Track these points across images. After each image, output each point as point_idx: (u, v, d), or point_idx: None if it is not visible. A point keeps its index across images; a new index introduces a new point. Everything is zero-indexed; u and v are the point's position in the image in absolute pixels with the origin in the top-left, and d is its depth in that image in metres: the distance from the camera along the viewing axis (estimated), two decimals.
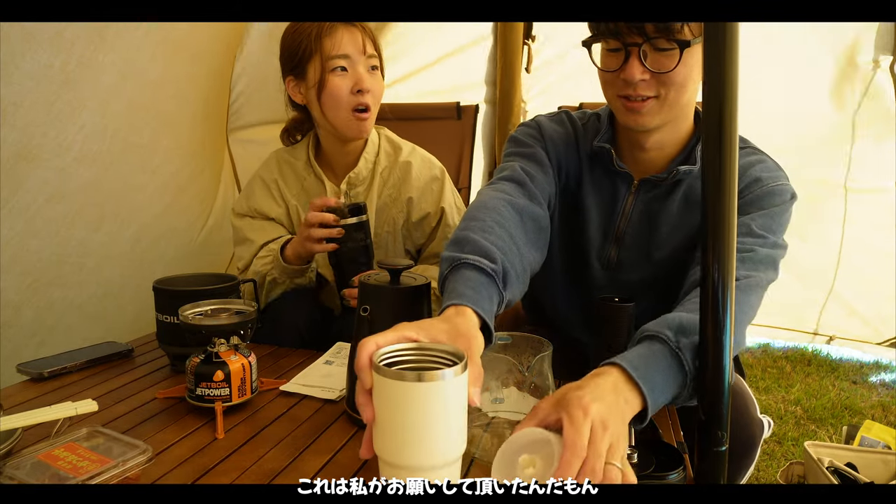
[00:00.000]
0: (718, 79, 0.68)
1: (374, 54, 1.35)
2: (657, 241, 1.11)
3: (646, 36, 0.95)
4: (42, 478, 0.72)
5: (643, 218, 1.11)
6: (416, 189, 1.42)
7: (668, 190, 1.10)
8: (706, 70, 0.69)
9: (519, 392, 0.85)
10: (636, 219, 1.12)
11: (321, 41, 1.30)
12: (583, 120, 1.17)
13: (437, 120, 2.07)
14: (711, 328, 0.73)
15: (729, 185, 0.70)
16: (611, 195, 1.12)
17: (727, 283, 0.71)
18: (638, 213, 1.11)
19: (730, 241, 0.71)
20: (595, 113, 1.17)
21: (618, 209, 1.12)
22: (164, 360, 1.19)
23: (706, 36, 0.69)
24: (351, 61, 1.31)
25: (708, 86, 0.69)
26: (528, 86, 2.46)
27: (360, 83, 1.31)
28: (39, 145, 1.55)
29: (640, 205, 1.11)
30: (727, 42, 0.67)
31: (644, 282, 1.13)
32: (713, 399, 0.74)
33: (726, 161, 0.69)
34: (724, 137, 0.69)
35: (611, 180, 1.12)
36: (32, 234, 1.63)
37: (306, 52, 1.32)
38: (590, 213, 1.13)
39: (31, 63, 1.45)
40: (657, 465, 0.81)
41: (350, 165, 1.43)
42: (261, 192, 1.46)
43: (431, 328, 0.72)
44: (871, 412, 2.28)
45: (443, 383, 0.64)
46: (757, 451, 1.07)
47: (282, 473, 0.79)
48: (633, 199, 1.11)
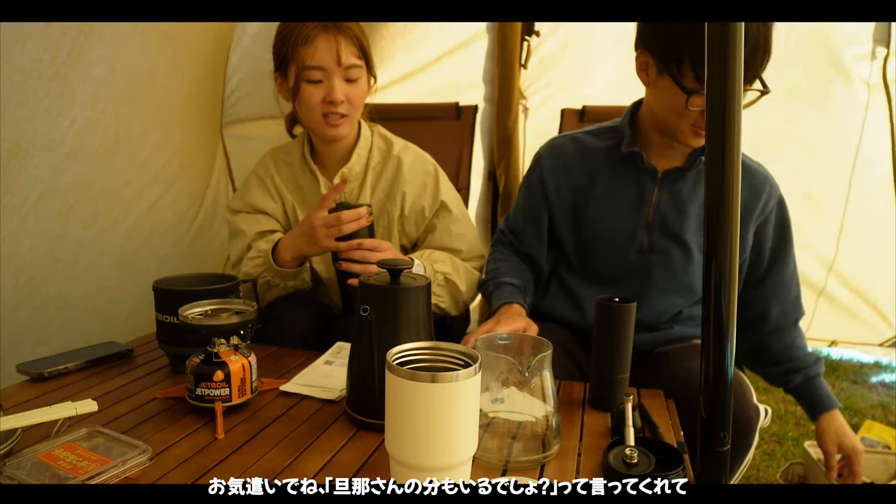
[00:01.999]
0: (720, 79, 0.68)
1: (355, 63, 1.32)
2: (686, 226, 1.24)
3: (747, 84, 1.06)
4: (42, 478, 0.72)
5: (670, 205, 1.25)
6: (409, 184, 1.43)
7: (694, 179, 1.24)
8: (708, 71, 0.69)
9: (519, 392, 0.85)
10: (664, 206, 1.25)
11: (297, 49, 1.29)
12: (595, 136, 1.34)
13: (436, 120, 2.07)
14: (713, 327, 0.73)
15: (730, 185, 0.70)
16: (638, 188, 1.26)
17: (729, 285, 0.71)
18: (665, 201, 1.25)
19: (731, 243, 0.71)
20: (610, 127, 1.34)
21: (646, 199, 1.26)
22: (163, 360, 1.19)
23: (707, 36, 0.69)
24: (326, 73, 1.30)
25: (709, 87, 0.69)
26: (529, 82, 2.46)
27: (330, 95, 1.30)
28: (31, 141, 1.55)
29: (667, 194, 1.25)
30: (728, 42, 0.67)
31: (676, 263, 1.26)
32: (715, 399, 0.74)
33: (728, 158, 0.69)
34: (727, 140, 0.69)
35: (636, 177, 1.26)
36: (26, 232, 1.63)
37: (286, 57, 1.32)
38: (621, 205, 1.27)
39: (21, 57, 1.44)
40: (657, 465, 0.81)
41: (342, 161, 1.44)
42: (257, 189, 1.46)
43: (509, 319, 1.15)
44: (871, 412, 2.28)
45: (457, 384, 0.64)
46: (753, 438, 1.10)
47: (282, 473, 0.79)
48: (659, 190, 1.25)
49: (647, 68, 1.17)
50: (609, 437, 0.91)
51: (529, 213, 1.38)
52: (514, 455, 0.83)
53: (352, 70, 1.32)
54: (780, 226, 1.28)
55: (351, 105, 1.34)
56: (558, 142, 1.38)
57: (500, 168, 2.46)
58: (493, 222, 2.54)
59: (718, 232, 0.71)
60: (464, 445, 0.67)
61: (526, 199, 1.39)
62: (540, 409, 0.85)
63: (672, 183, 1.24)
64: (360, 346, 0.91)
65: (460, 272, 1.40)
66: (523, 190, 1.41)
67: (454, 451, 0.67)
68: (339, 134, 1.36)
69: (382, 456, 0.83)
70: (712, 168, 0.71)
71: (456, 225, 1.44)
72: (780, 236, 1.28)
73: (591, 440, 0.91)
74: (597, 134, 1.34)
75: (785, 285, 1.29)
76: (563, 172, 1.33)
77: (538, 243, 1.37)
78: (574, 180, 1.31)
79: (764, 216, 1.25)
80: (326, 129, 1.35)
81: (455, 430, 0.66)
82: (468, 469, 0.69)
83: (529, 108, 2.50)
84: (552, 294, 1.37)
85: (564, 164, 1.33)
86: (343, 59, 1.30)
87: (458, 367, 0.69)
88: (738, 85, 0.68)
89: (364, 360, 0.90)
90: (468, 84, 2.44)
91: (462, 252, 1.45)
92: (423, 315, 0.93)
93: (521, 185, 1.43)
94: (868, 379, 2.59)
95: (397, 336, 0.89)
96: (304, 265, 1.36)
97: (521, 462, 0.82)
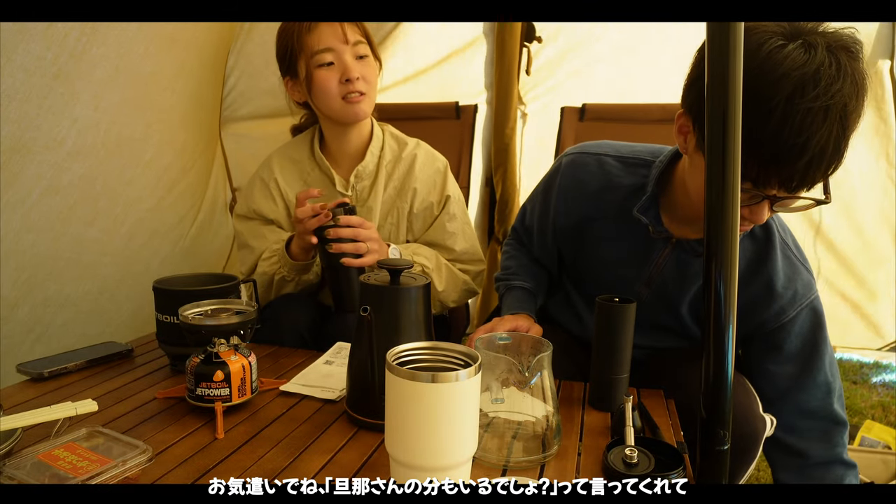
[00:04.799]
0: (721, 80, 0.68)
1: (361, 40, 1.34)
2: (684, 298, 1.15)
3: (789, 191, 0.90)
4: (42, 478, 0.72)
5: (675, 275, 1.14)
6: (420, 180, 1.43)
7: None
8: (708, 73, 0.69)
9: (519, 392, 0.85)
10: (668, 271, 1.15)
11: (303, 39, 1.31)
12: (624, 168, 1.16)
13: (435, 120, 2.07)
14: (713, 326, 0.73)
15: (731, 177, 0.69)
16: (648, 244, 1.14)
17: (729, 284, 0.71)
18: (671, 267, 1.14)
19: (731, 242, 0.71)
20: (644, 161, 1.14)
21: (653, 258, 1.15)
22: (163, 360, 1.18)
23: (708, 36, 0.69)
24: (336, 53, 1.31)
25: (709, 87, 0.69)
26: (528, 88, 2.46)
27: (347, 72, 1.31)
28: (33, 139, 1.55)
29: (674, 260, 1.14)
30: (730, 43, 0.67)
31: (668, 322, 1.19)
32: (715, 398, 0.74)
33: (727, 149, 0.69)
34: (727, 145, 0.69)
35: (648, 232, 1.12)
36: (27, 229, 1.63)
37: (294, 52, 1.33)
38: (624, 255, 1.17)
39: (24, 55, 1.44)
40: (657, 465, 0.81)
41: (354, 158, 1.43)
42: (259, 194, 1.46)
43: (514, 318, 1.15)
44: (871, 412, 2.27)
45: (457, 384, 0.64)
46: (758, 449, 1.07)
47: (282, 473, 0.79)
48: (668, 254, 1.13)
49: (687, 134, 0.99)
50: (609, 437, 0.91)
51: (540, 223, 1.30)
52: (514, 455, 0.83)
53: (359, 46, 1.33)
54: (806, 342, 1.11)
55: (367, 82, 1.34)
56: (582, 159, 1.21)
57: (497, 175, 2.46)
58: (490, 229, 2.54)
59: (719, 232, 0.71)
60: (464, 445, 0.67)
61: (540, 203, 1.29)
62: (540, 409, 0.85)
63: (683, 252, 1.12)
64: (360, 346, 0.91)
65: (442, 271, 1.40)
66: (540, 194, 1.30)
67: (454, 451, 0.67)
68: (362, 111, 1.35)
69: (382, 456, 0.83)
70: (712, 158, 0.70)
71: (452, 223, 1.44)
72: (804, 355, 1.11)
73: (591, 440, 0.91)
74: (628, 164, 1.17)
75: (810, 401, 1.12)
76: (575, 200, 1.21)
77: (547, 253, 1.32)
78: (584, 212, 1.20)
79: (778, 324, 1.10)
80: (348, 110, 1.33)
81: (455, 430, 0.66)
82: (468, 469, 0.69)
83: (528, 114, 2.50)
84: (557, 301, 1.35)
85: (579, 190, 1.20)
86: (350, 37, 1.31)
87: (458, 367, 0.69)
88: (739, 86, 0.68)
89: (364, 360, 0.90)
90: (469, 89, 2.44)
91: (455, 252, 1.44)
92: (423, 315, 0.93)
93: (541, 183, 1.31)
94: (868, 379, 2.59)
95: (397, 336, 0.89)
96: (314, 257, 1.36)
97: (521, 462, 0.82)
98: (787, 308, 1.09)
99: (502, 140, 2.42)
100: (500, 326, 1.12)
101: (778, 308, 1.09)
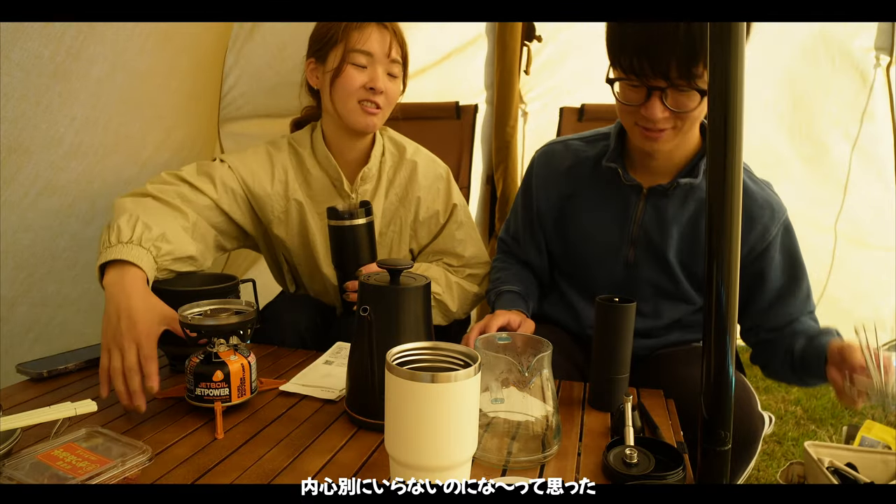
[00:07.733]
0: (722, 81, 0.68)
1: (398, 61, 1.33)
2: (669, 245, 1.20)
3: (668, 81, 1.00)
4: (41, 478, 0.72)
5: (654, 222, 1.20)
6: (423, 188, 1.42)
7: (680, 199, 1.19)
8: (711, 74, 0.69)
9: (519, 392, 0.85)
10: (648, 222, 1.21)
11: (349, 31, 1.28)
12: (588, 143, 1.30)
13: (436, 119, 2.07)
14: (714, 326, 0.73)
15: (732, 183, 0.69)
16: (623, 203, 1.22)
17: (729, 284, 0.71)
18: (650, 217, 1.21)
19: (732, 241, 0.71)
20: (604, 133, 1.28)
21: (630, 214, 1.22)
22: (163, 360, 1.18)
23: (709, 36, 0.69)
24: (372, 60, 1.29)
25: (710, 87, 0.69)
26: (529, 87, 2.46)
27: (374, 82, 1.29)
28: (31, 137, 1.54)
29: (651, 210, 1.20)
30: (731, 43, 0.67)
31: (661, 280, 1.23)
32: (716, 398, 0.74)
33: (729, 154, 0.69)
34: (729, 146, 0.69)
35: (622, 191, 1.22)
36: (25, 228, 1.62)
37: (332, 39, 1.30)
38: (606, 219, 1.24)
39: (21, 53, 1.43)
40: (657, 465, 0.81)
41: (354, 162, 1.41)
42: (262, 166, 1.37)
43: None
44: (871, 412, 2.27)
45: (456, 384, 0.64)
46: (757, 447, 1.08)
47: (282, 473, 0.79)
48: (644, 205, 1.21)
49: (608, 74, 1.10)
50: (609, 437, 0.91)
51: (525, 221, 1.37)
52: (514, 455, 0.83)
53: (394, 66, 1.32)
54: (787, 255, 1.18)
55: (387, 100, 1.33)
56: (551, 148, 1.34)
57: (498, 172, 2.46)
58: (491, 226, 2.54)
59: (719, 231, 0.71)
60: (464, 445, 0.67)
61: (522, 205, 1.38)
62: (540, 409, 0.85)
63: (657, 199, 1.19)
64: (360, 346, 0.91)
65: (453, 290, 1.39)
66: (520, 196, 1.39)
67: (454, 451, 0.66)
68: (372, 123, 1.33)
69: (382, 456, 0.83)
70: (714, 162, 0.70)
71: (461, 230, 1.45)
72: (788, 268, 1.18)
73: (590, 440, 0.91)
74: (590, 141, 1.30)
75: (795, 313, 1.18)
76: (552, 181, 1.30)
77: (536, 250, 1.36)
78: (561, 190, 1.29)
79: (764, 245, 1.16)
80: (360, 117, 1.31)
81: (455, 430, 0.66)
82: (468, 469, 0.69)
83: (529, 113, 2.50)
84: (552, 301, 1.37)
85: (554, 173, 1.30)
86: (392, 53, 1.31)
87: (458, 367, 0.69)
88: (741, 86, 0.68)
89: (364, 360, 0.90)
90: (469, 88, 2.43)
91: (464, 258, 1.44)
92: (423, 315, 0.93)
93: (519, 189, 1.41)
94: None
95: (397, 336, 0.89)
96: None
97: (521, 462, 0.82)
98: (770, 226, 1.15)
99: (503, 138, 2.42)
100: (492, 322, 1.12)
101: (761, 228, 1.15)
